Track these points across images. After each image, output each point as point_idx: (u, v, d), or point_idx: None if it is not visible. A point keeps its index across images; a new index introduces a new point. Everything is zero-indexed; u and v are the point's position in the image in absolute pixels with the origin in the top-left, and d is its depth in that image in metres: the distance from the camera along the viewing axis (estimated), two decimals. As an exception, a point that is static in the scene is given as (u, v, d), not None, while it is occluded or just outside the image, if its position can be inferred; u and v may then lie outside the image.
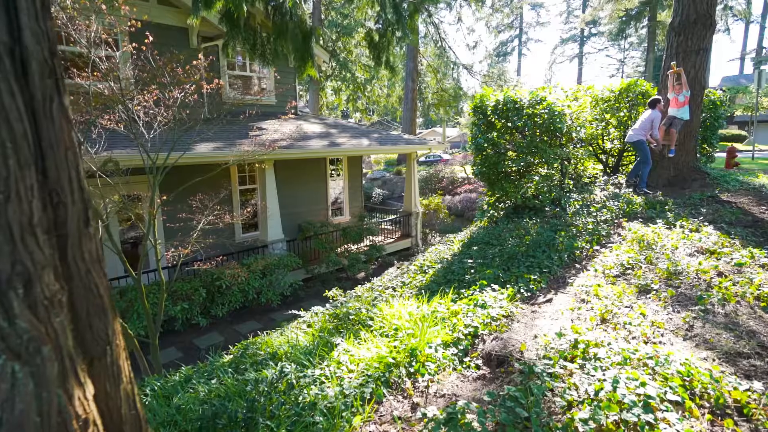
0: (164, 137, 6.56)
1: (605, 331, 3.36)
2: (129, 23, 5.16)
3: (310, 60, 4.76)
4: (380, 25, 5.26)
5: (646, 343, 3.02)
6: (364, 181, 20.30)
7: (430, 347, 3.55)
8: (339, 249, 9.54)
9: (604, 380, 2.50)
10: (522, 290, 4.53)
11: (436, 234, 13.42)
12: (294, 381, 3.36)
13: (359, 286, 6.46)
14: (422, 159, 29.40)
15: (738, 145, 18.78)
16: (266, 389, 3.05)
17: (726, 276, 3.78)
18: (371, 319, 4.48)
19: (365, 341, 4.04)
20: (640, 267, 4.39)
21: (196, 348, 6.52)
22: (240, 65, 10.17)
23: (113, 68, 4.81)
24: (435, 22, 24.20)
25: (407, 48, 23.18)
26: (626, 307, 3.63)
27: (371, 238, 10.06)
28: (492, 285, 4.64)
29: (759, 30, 42.38)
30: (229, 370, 4.01)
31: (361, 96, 28.63)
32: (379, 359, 3.48)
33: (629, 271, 4.37)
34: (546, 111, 7.17)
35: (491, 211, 8.21)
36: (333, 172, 11.86)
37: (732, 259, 4.06)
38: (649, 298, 3.67)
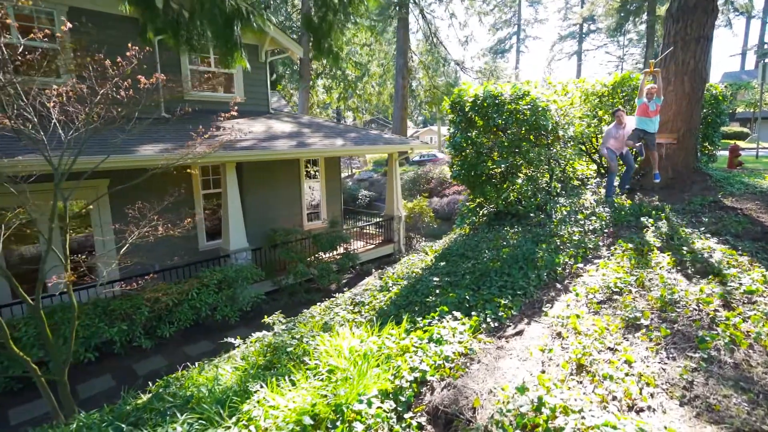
0: (97, 138, 5.84)
1: (580, 383, 2.63)
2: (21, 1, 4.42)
3: (237, 48, 4.03)
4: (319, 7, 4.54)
5: (630, 408, 2.29)
6: (350, 183, 19.58)
7: (362, 401, 2.82)
8: (311, 258, 8.80)
9: (567, 480, 1.77)
10: (489, 319, 3.80)
11: (421, 239, 12.70)
12: (184, 449, 2.64)
13: (317, 305, 5.74)
14: (416, 158, 28.64)
15: (741, 143, 18.02)
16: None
17: (734, 308, 3.04)
18: (308, 353, 3.75)
19: (295, 384, 3.32)
20: (630, 291, 3.66)
21: (134, 375, 5.80)
22: (206, 60, 9.43)
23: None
24: (426, 15, 23.43)
25: (397, 44, 22.46)
26: (609, 348, 2.90)
27: (345, 245, 9.34)
28: (454, 313, 3.91)
29: (761, 25, 41.53)
30: (125, 424, 3.28)
31: (352, 94, 27.89)
32: (298, 416, 2.76)
33: (616, 297, 3.64)
34: (529, 107, 6.43)
35: (472, 217, 7.47)
36: (310, 173, 11.13)
37: (741, 284, 3.32)
38: (638, 336, 2.93)
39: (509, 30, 56.33)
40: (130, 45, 5.15)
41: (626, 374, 2.54)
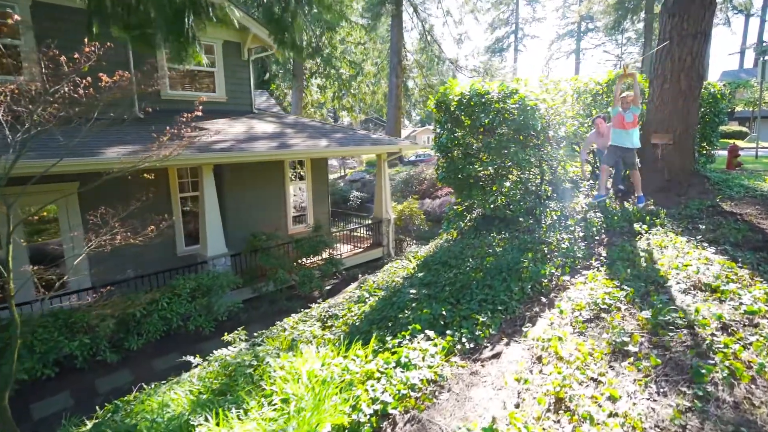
0: (55, 139, 5.49)
1: (557, 422, 2.30)
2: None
3: (191, 43, 3.67)
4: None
5: (612, 460, 1.95)
6: (342, 184, 19.22)
7: (311, 441, 2.48)
8: (293, 263, 8.45)
9: None
10: (464, 339, 3.46)
11: (412, 242, 12.35)
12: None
13: (291, 317, 5.39)
14: (411, 158, 28.29)
15: (739, 142, 17.70)
16: None
17: (734, 332, 2.70)
18: (265, 377, 3.41)
19: (246, 414, 2.99)
20: (619, 309, 3.32)
21: (95, 392, 5.45)
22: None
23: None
24: (420, 13, 23.08)
25: (391, 42, 22.10)
26: (592, 380, 2.56)
27: (329, 250, 8.99)
28: (427, 331, 3.57)
29: (759, 23, 41.17)
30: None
31: (346, 93, 27.55)
32: (239, 459, 2.42)
33: (604, 315, 3.30)
34: (517, 106, 6.09)
35: (458, 222, 7.13)
36: (300, 175, 10.77)
37: (741, 302, 2.98)
38: (625, 366, 2.59)
39: (507, 29, 55.96)
40: (86, 40, 4.80)
41: (610, 414, 2.20)
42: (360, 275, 9.42)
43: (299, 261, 8.54)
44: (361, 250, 10.75)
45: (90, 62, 5.02)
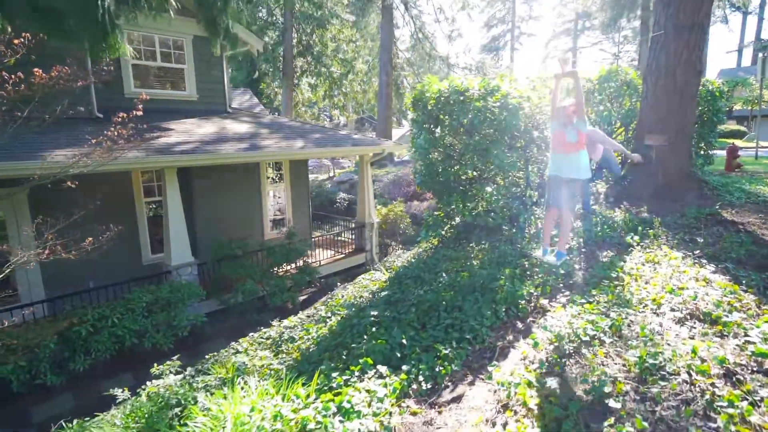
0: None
1: None
2: None
3: (110, 32, 3.14)
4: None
5: None
6: (329, 185, 18.66)
7: None
8: (266, 273, 7.92)
9: None
10: (422, 377, 2.95)
11: (397, 246, 11.83)
12: None
13: (248, 337, 4.88)
14: (405, 158, 27.72)
15: (738, 142, 17.23)
16: None
17: (740, 381, 2.20)
18: (180, 425, 2.90)
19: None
20: (603, 343, 2.81)
21: (28, 422, 4.94)
22: (149, 54, 8.51)
23: None
24: (411, 9, 22.57)
25: (381, 40, 21.59)
26: (563, 445, 2.05)
27: (303, 258, 8.47)
28: (379, 367, 3.06)
29: (757, 21, 40.72)
30: None
31: (338, 92, 26.99)
32: None
33: (584, 350, 2.79)
34: (499, 104, 5.58)
35: (438, 229, 6.63)
36: (277, 177, 10.25)
37: (747, 340, 2.48)
38: (605, 428, 2.08)
39: (504, 27, 55.42)
40: (9, 30, 4.27)
41: (581, 503, 1.70)
42: (339, 284, 8.91)
43: (272, 270, 8.02)
44: (343, 256, 10.23)
45: (16, 55, 4.52)
